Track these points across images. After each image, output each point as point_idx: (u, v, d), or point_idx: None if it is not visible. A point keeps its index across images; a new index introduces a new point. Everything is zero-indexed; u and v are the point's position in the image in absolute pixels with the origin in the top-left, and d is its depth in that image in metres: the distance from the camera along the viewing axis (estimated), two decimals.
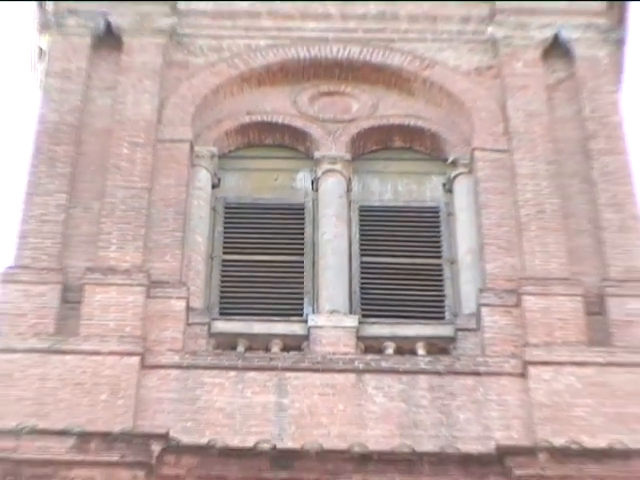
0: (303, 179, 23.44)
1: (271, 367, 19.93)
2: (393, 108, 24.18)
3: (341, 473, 18.31)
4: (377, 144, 23.85)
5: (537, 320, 20.32)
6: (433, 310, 21.46)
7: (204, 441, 18.62)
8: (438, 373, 19.92)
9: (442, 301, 21.62)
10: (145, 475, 18.11)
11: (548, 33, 24.45)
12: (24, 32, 25.76)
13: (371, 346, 20.52)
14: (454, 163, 23.16)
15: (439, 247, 22.46)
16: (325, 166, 23.08)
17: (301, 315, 21.13)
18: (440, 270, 22.13)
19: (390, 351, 20.39)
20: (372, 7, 25.08)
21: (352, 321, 20.82)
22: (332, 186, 22.86)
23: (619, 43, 25.10)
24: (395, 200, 23.23)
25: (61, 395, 19.25)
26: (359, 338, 20.62)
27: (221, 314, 21.21)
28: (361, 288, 21.74)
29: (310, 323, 20.81)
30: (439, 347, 20.62)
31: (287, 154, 23.86)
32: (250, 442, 18.56)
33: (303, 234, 22.46)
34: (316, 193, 23.00)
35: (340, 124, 23.81)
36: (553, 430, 18.95)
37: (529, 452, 18.45)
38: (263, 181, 23.54)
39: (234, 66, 24.31)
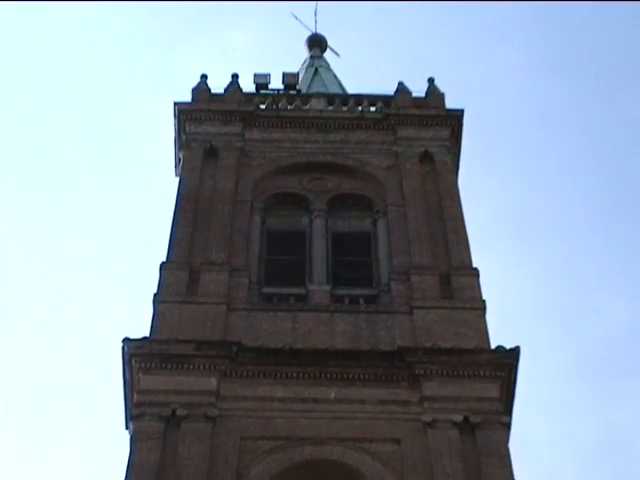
0: (306, 219, 22.67)
1: (289, 309, 19.71)
2: (348, 185, 23.36)
3: (323, 360, 18.29)
4: (340, 203, 23.14)
5: (417, 286, 20.00)
6: (367, 282, 21.09)
7: (257, 345, 18.51)
8: (369, 312, 19.78)
9: (372, 277, 21.21)
10: (229, 361, 18.13)
11: (422, 149, 23.73)
12: (172, 150, 25.31)
13: (337, 299, 20.23)
14: (377, 212, 22.61)
15: (369, 252, 21.93)
16: (315, 213, 22.57)
17: (304, 284, 20.72)
18: (370, 263, 21.61)
19: (347, 301, 20.15)
20: (338, 137, 24.42)
21: (328, 287, 20.56)
22: (318, 222, 22.41)
23: (456, 154, 24.66)
24: (349, 229, 22.65)
25: (188, 323, 19.02)
26: (331, 295, 20.34)
27: (265, 284, 20.76)
28: (332, 270, 21.25)
29: (308, 288, 20.55)
30: (370, 300, 20.33)
31: (298, 207, 23.00)
32: (279, 345, 18.58)
33: (305, 245, 21.92)
34: (311, 226, 22.40)
35: (322, 193, 23.12)
36: (425, 338, 18.81)
37: (413, 349, 18.44)
38: (286, 220, 22.78)
39: (271, 165, 23.51)
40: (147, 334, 18.68)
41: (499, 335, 19.15)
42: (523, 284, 44.69)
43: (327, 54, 33.30)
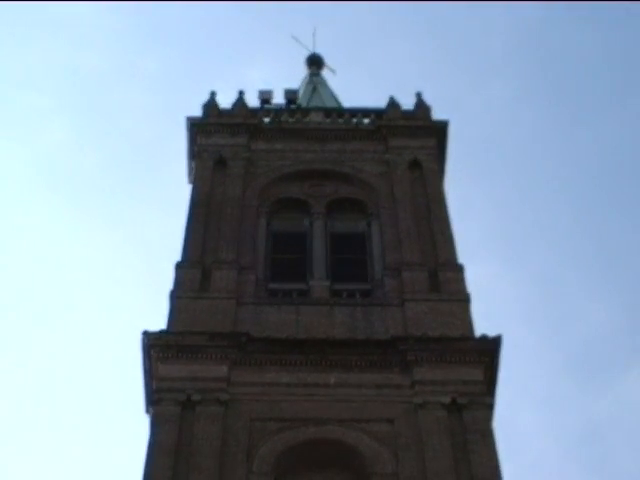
0: (306, 221, 22.39)
1: (293, 303, 19.52)
2: (344, 190, 23.04)
3: (323, 348, 18.14)
4: (338, 206, 22.77)
5: (407, 281, 19.79)
6: (362, 277, 20.81)
7: (264, 335, 18.41)
8: (365, 305, 19.59)
9: (366, 273, 20.96)
10: (239, 351, 17.99)
11: (411, 157, 23.50)
12: (185, 160, 24.96)
13: (336, 294, 20.01)
14: (371, 214, 22.30)
15: (364, 250, 21.64)
16: (315, 215, 22.32)
17: (305, 280, 20.49)
18: (365, 260, 21.34)
19: (344, 295, 19.95)
20: (334, 146, 24.05)
21: (327, 283, 20.33)
22: (318, 224, 22.15)
23: (442, 161, 24.25)
24: (346, 229, 22.32)
25: (201, 317, 18.79)
26: (330, 290, 20.11)
27: (270, 280, 20.53)
28: (331, 267, 20.99)
29: (309, 283, 20.31)
30: (366, 293, 20.14)
31: (299, 211, 22.63)
32: (283, 335, 18.48)
33: (306, 245, 21.66)
34: (312, 227, 22.15)
35: (321, 197, 22.81)
36: (416, 328, 18.60)
37: (405, 338, 18.31)
38: (289, 222, 22.45)
39: (275, 173, 23.22)
40: (164, 327, 18.55)
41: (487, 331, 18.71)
42: (512, 291, 45.22)
43: (324, 72, 33.43)
